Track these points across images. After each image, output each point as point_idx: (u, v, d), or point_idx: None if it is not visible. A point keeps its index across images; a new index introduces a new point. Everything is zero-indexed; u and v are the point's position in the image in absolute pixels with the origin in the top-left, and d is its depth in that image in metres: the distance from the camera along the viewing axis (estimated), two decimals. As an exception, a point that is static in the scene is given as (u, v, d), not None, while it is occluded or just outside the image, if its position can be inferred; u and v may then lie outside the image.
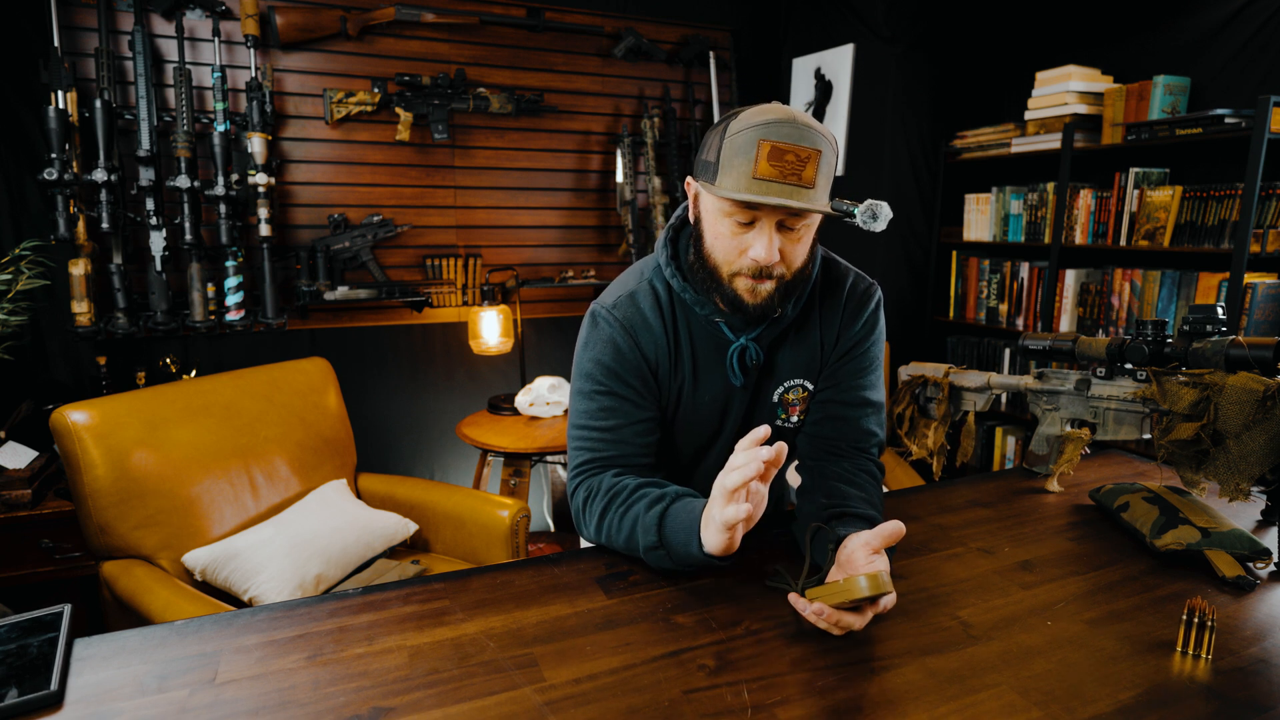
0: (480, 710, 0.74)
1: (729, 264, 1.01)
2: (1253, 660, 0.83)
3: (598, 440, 1.09)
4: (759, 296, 1.01)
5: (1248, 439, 1.01)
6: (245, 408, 1.95)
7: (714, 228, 1.01)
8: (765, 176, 0.92)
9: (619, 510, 1.03)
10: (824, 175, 0.95)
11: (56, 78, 2.24)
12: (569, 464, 1.13)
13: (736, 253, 0.99)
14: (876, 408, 1.15)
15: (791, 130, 0.92)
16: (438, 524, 2.10)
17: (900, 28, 2.96)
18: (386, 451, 3.04)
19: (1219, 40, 2.36)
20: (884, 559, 0.89)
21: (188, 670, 0.80)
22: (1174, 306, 2.37)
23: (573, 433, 1.12)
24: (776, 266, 0.99)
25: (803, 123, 0.94)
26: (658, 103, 3.23)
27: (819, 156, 0.93)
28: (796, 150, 0.92)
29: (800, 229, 0.98)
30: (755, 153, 0.92)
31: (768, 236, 0.96)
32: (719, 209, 0.99)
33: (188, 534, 1.73)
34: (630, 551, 1.02)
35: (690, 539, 0.93)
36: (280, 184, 2.68)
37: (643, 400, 1.09)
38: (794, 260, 1.00)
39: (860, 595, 0.81)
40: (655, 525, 0.97)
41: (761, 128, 0.93)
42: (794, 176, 0.92)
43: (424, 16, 2.74)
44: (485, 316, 2.86)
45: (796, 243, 0.99)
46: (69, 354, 2.49)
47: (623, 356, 1.08)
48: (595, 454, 1.09)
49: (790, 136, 0.92)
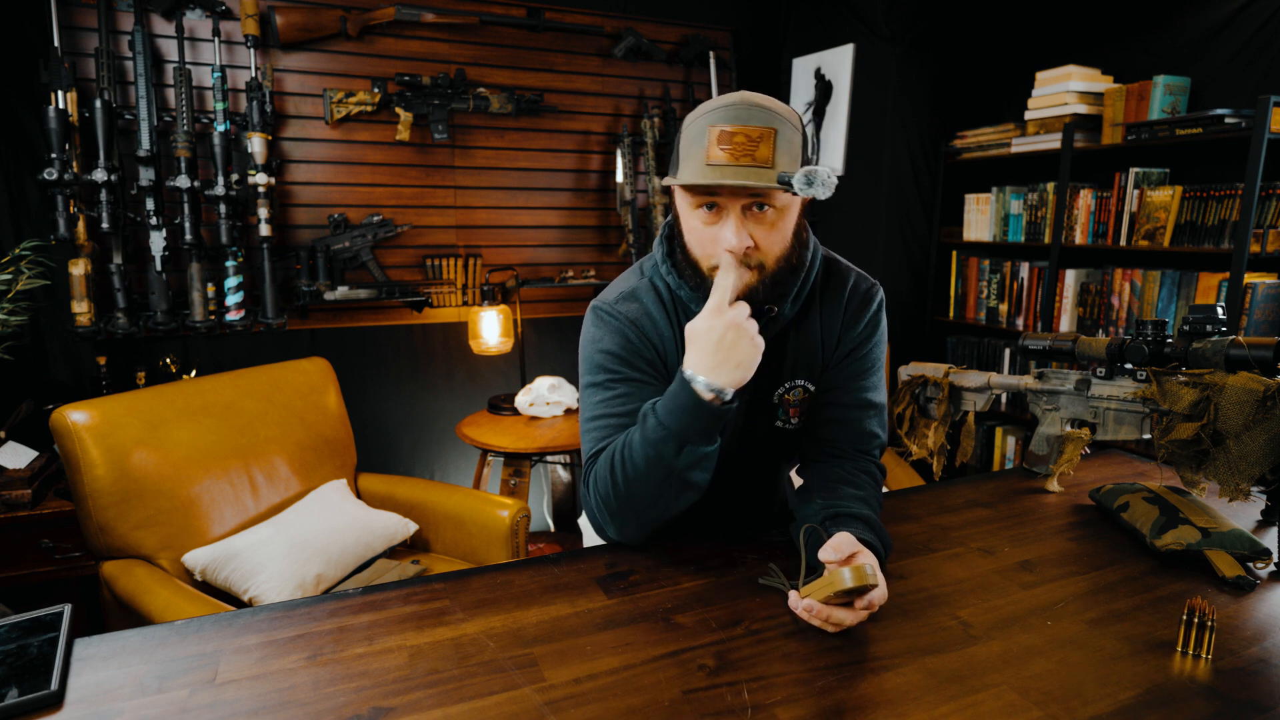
0: (480, 710, 0.74)
1: (707, 257, 1.00)
2: (1253, 660, 0.83)
3: (617, 426, 1.05)
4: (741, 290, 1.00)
5: (1248, 439, 1.01)
6: (245, 408, 1.95)
7: (687, 222, 1.01)
8: (717, 161, 0.91)
9: (624, 454, 0.99)
10: (784, 154, 0.93)
11: (56, 78, 2.24)
12: (584, 456, 1.10)
13: (710, 243, 0.99)
14: (878, 409, 1.15)
15: (740, 111, 0.92)
16: (438, 524, 2.10)
17: (900, 28, 2.96)
18: (386, 451, 3.04)
19: (1219, 40, 2.36)
20: (870, 555, 0.89)
21: (188, 670, 0.80)
22: (1174, 306, 2.37)
23: (587, 425, 1.09)
24: (753, 255, 0.98)
25: (754, 103, 0.93)
26: (658, 103, 3.23)
27: (774, 135, 0.91)
28: (746, 131, 0.91)
29: (770, 214, 0.97)
30: (707, 139, 0.92)
31: (734, 222, 0.95)
32: (687, 202, 0.99)
33: (188, 534, 1.73)
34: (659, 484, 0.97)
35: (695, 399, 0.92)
36: (280, 184, 2.68)
37: (657, 384, 1.07)
38: (771, 248, 0.99)
39: (844, 587, 0.81)
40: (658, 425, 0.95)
41: (712, 113, 0.93)
42: (747, 158, 0.91)
43: (424, 16, 2.74)
44: (485, 316, 2.86)
45: (770, 229, 0.98)
46: (69, 354, 2.49)
47: (631, 345, 1.08)
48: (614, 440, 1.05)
49: (739, 118, 0.91)
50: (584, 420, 1.11)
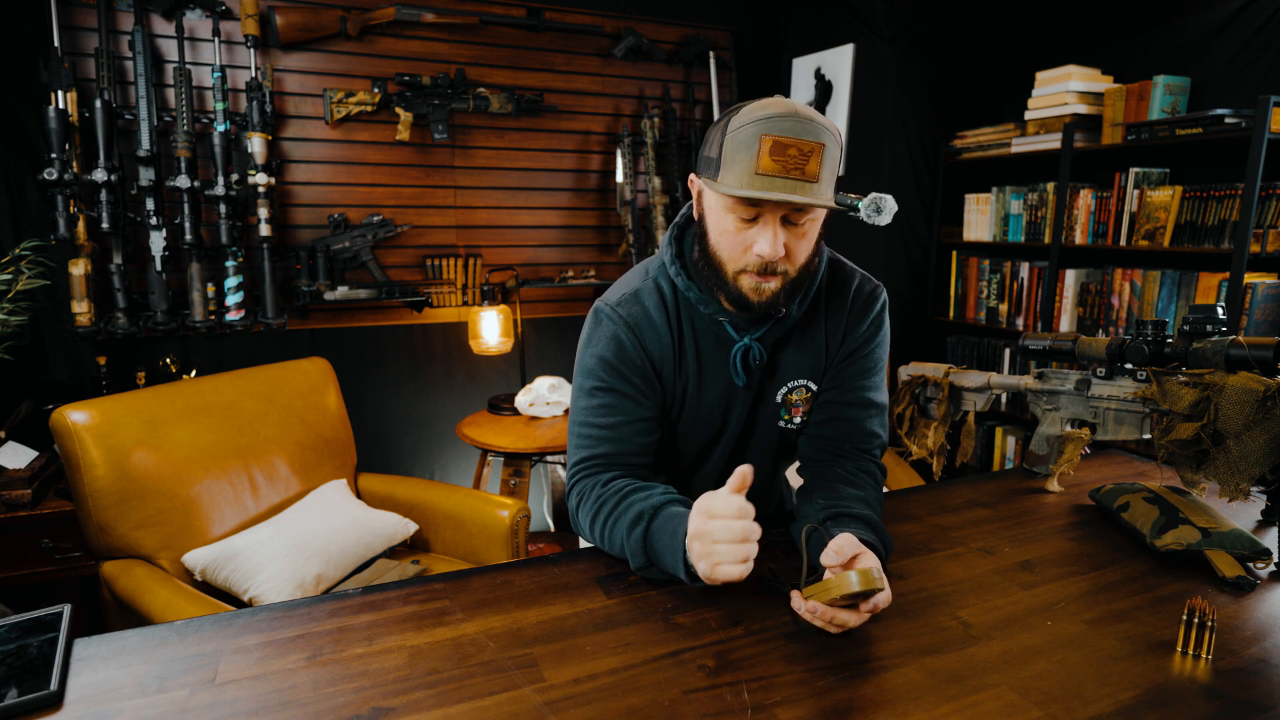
0: (480, 710, 0.74)
1: (734, 261, 1.00)
2: (1253, 660, 0.83)
3: (596, 438, 1.08)
4: (764, 294, 1.00)
5: (1248, 439, 1.01)
6: (245, 408, 1.95)
7: (718, 224, 1.00)
8: (768, 171, 0.91)
9: (606, 522, 1.02)
10: (828, 169, 0.93)
11: (56, 78, 2.24)
12: (568, 461, 1.12)
13: (741, 249, 0.98)
14: (880, 409, 1.15)
15: (794, 124, 0.91)
16: (438, 524, 2.10)
17: (900, 27, 2.96)
18: (386, 451, 3.04)
19: (1219, 40, 2.36)
20: (873, 557, 0.89)
21: (188, 670, 0.80)
22: (1174, 306, 2.37)
23: (572, 430, 1.12)
24: (781, 263, 0.98)
25: (805, 116, 0.92)
26: (658, 103, 3.23)
27: (822, 150, 0.92)
28: (799, 144, 0.91)
29: (805, 224, 0.97)
30: (758, 148, 0.91)
31: (772, 232, 0.95)
32: (722, 205, 0.98)
33: (188, 534, 1.73)
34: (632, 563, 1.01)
35: (676, 563, 0.92)
36: (280, 184, 2.68)
37: (644, 399, 1.09)
38: (799, 257, 0.99)
39: (850, 590, 0.81)
40: (641, 547, 0.97)
41: (763, 122, 0.91)
42: (797, 171, 0.91)
43: (424, 16, 2.74)
44: (485, 316, 2.86)
45: (801, 238, 0.98)
46: (69, 354, 2.49)
47: (626, 354, 1.08)
48: (593, 451, 1.08)
49: (793, 130, 0.91)
50: (570, 422, 1.13)
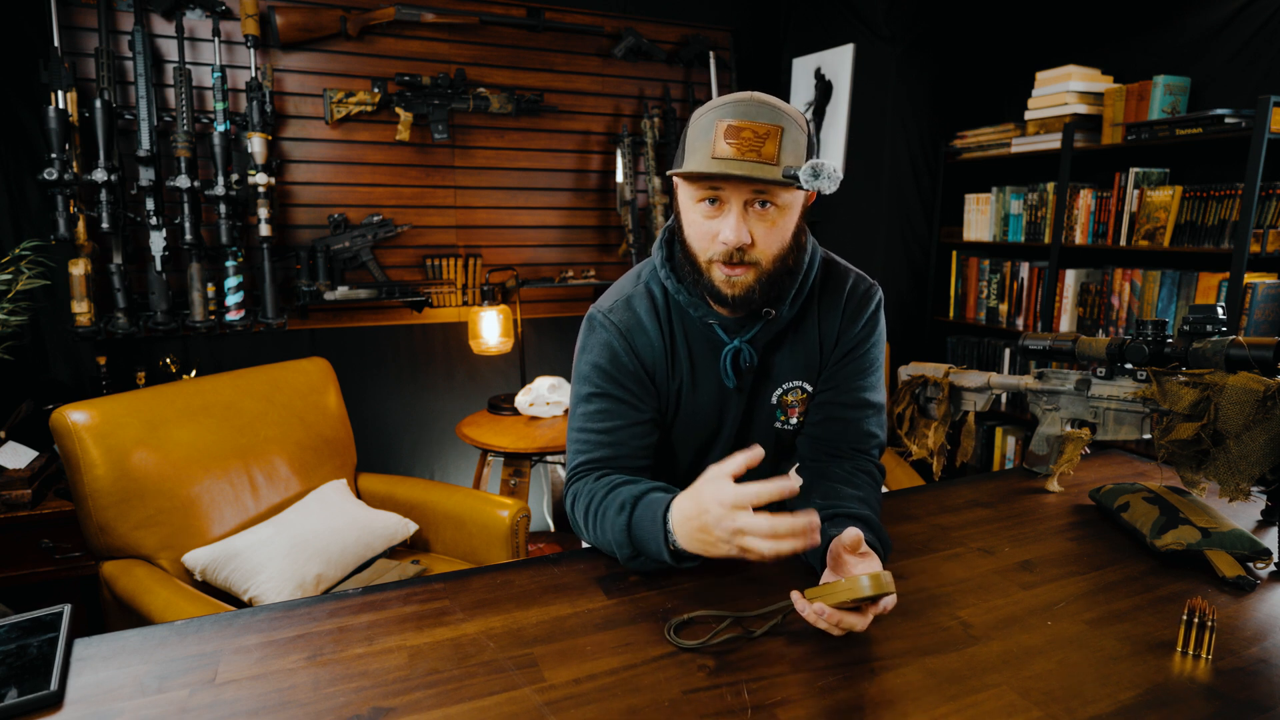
0: (480, 710, 0.74)
1: (704, 251, 1.01)
2: (1253, 660, 0.83)
3: (594, 442, 1.09)
4: (737, 287, 1.00)
5: (1248, 439, 1.01)
6: (245, 408, 1.95)
7: (688, 215, 1.02)
8: (724, 155, 0.93)
9: (597, 515, 1.02)
10: (789, 152, 0.94)
11: (56, 78, 2.24)
12: (567, 466, 1.14)
13: (709, 238, 1.00)
14: (877, 409, 1.15)
15: (749, 108, 0.93)
16: (438, 524, 2.10)
17: (900, 28, 2.96)
18: (386, 451, 3.04)
19: (1219, 40, 2.36)
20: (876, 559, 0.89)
21: (188, 670, 0.80)
22: (1174, 306, 2.37)
23: (570, 435, 1.13)
24: (750, 251, 0.98)
25: (763, 101, 0.94)
26: (658, 103, 3.23)
27: (780, 132, 0.93)
28: (754, 126, 0.92)
29: (772, 212, 0.98)
30: (714, 132, 0.94)
31: (735, 216, 0.96)
32: (690, 195, 1.00)
33: (188, 534, 1.73)
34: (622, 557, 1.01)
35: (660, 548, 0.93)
36: (280, 184, 2.68)
37: (640, 403, 1.10)
38: (768, 247, 0.99)
39: (863, 595, 0.80)
40: (625, 535, 0.97)
41: (721, 108, 0.95)
42: (753, 154, 0.92)
43: (424, 16, 2.74)
44: (485, 316, 2.86)
45: (771, 227, 0.98)
46: (69, 354, 2.49)
47: (619, 360, 1.09)
48: (591, 455, 1.09)
49: (747, 114, 0.93)
50: (569, 428, 1.14)
